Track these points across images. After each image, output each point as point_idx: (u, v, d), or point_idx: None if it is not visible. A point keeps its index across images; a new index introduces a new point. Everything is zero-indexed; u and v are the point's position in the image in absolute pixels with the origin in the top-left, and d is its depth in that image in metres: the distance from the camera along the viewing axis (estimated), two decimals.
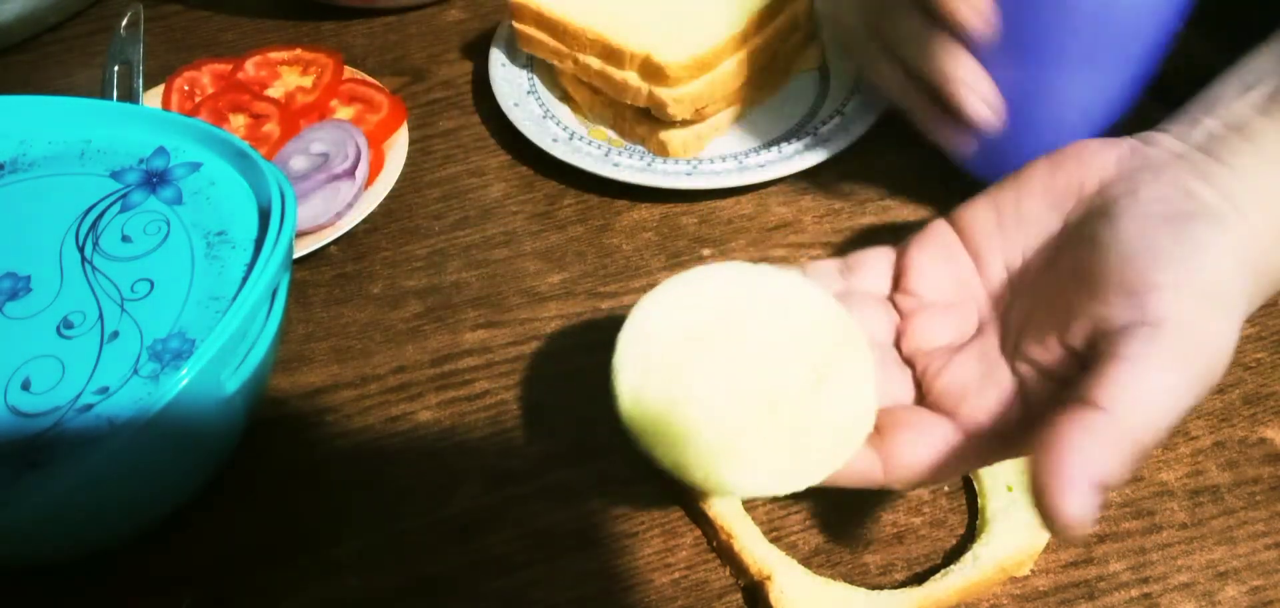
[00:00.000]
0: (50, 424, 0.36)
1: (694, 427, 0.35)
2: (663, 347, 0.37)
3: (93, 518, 0.38)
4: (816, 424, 0.35)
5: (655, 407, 0.36)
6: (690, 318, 0.38)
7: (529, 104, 0.57)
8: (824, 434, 0.35)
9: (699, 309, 0.38)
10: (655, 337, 0.37)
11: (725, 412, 0.36)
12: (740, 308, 0.38)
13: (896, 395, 0.38)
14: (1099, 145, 0.38)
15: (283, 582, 0.40)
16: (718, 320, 0.38)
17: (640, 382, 0.36)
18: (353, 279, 0.52)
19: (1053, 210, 0.38)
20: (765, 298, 0.38)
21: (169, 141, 0.45)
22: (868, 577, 0.39)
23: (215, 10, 0.69)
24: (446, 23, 0.67)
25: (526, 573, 0.40)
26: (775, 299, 0.38)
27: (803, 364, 0.36)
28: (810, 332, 0.37)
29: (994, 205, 0.40)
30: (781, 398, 0.36)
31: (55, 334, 0.38)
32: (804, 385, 0.36)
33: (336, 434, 0.45)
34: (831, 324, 0.38)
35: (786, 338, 0.37)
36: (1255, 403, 0.44)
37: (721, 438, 0.35)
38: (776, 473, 0.35)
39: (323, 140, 0.54)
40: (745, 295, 0.38)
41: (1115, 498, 0.41)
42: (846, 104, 0.56)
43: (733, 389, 0.36)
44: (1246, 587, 0.38)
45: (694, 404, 0.36)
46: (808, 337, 0.37)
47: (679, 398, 0.36)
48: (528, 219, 0.54)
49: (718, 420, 0.35)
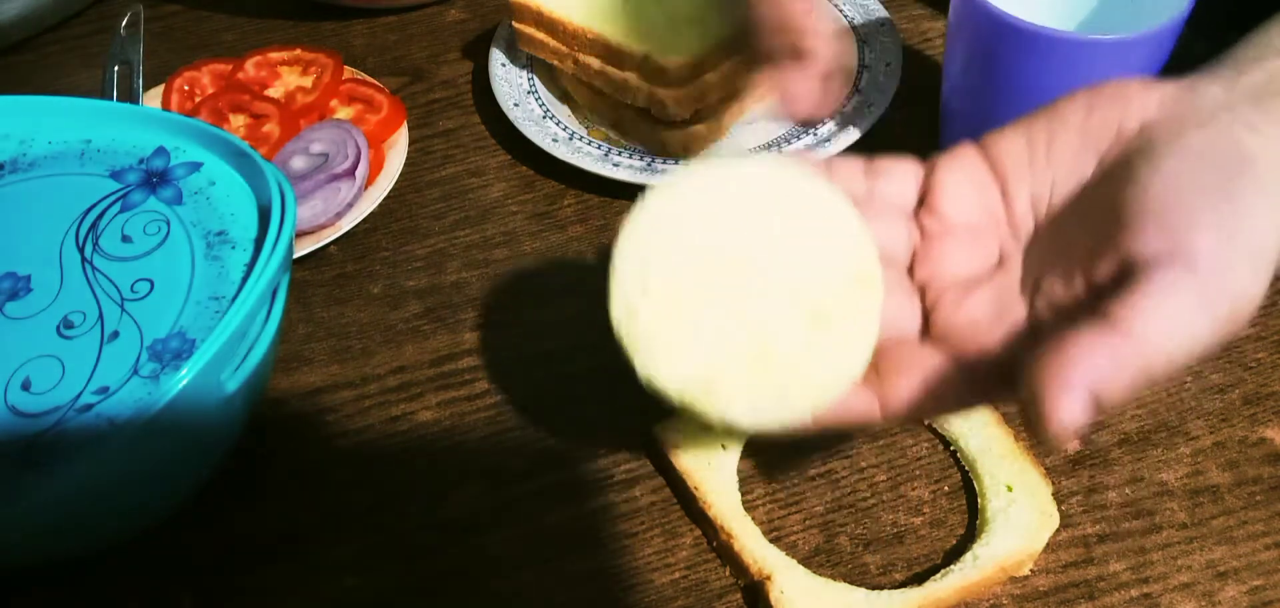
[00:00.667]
0: (50, 424, 0.36)
1: (681, 348, 0.34)
2: (664, 256, 0.35)
3: (93, 517, 0.38)
4: (808, 362, 0.34)
5: (646, 320, 0.35)
6: (699, 225, 0.36)
7: (529, 104, 0.57)
8: (814, 374, 0.34)
9: (712, 214, 0.36)
10: (659, 243, 0.36)
11: (716, 337, 0.35)
12: (754, 218, 0.36)
13: (901, 325, 0.37)
14: (1141, 85, 0.36)
15: (283, 582, 0.41)
16: (728, 232, 0.36)
17: (635, 291, 0.35)
18: (353, 279, 0.52)
19: (1087, 149, 0.36)
20: (784, 210, 0.36)
21: (169, 141, 0.45)
22: (868, 577, 0.39)
23: (215, 10, 0.69)
24: (446, 23, 0.67)
25: (526, 573, 0.40)
26: (793, 213, 0.36)
27: (805, 296, 0.35)
28: (821, 258, 0.36)
29: (1026, 137, 0.38)
30: (776, 330, 0.35)
31: (55, 334, 0.38)
32: (802, 319, 0.35)
33: (336, 434, 0.45)
34: (846, 252, 0.36)
35: (795, 263, 0.36)
36: (1255, 403, 0.44)
37: (707, 364, 0.34)
38: (757, 407, 0.34)
39: (323, 140, 0.54)
40: (763, 204, 0.36)
41: (1115, 498, 0.41)
42: (846, 102, 0.56)
43: (727, 314, 0.35)
44: (1246, 587, 0.38)
45: (685, 325, 0.35)
46: (817, 264, 0.36)
47: (671, 316, 0.35)
48: (528, 219, 0.54)
49: (706, 345, 0.34)
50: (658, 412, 0.44)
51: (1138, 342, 0.30)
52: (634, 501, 0.42)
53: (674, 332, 0.35)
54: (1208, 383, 0.45)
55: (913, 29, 0.63)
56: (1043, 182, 0.38)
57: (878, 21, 0.60)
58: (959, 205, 0.39)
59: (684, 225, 0.36)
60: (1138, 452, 0.43)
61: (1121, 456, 0.42)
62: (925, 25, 0.64)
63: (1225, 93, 0.35)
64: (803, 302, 0.35)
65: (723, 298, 0.35)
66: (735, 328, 0.35)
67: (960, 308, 0.37)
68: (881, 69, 0.57)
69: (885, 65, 0.57)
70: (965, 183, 0.39)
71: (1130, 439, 0.43)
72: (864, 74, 0.57)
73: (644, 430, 0.44)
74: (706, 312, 0.35)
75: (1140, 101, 0.36)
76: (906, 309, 0.38)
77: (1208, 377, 0.45)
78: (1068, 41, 0.45)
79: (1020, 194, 0.38)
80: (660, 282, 0.35)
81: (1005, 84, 0.47)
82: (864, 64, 0.58)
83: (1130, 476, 0.42)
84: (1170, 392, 0.44)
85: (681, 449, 0.42)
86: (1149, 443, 0.43)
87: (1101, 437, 0.43)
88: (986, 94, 0.49)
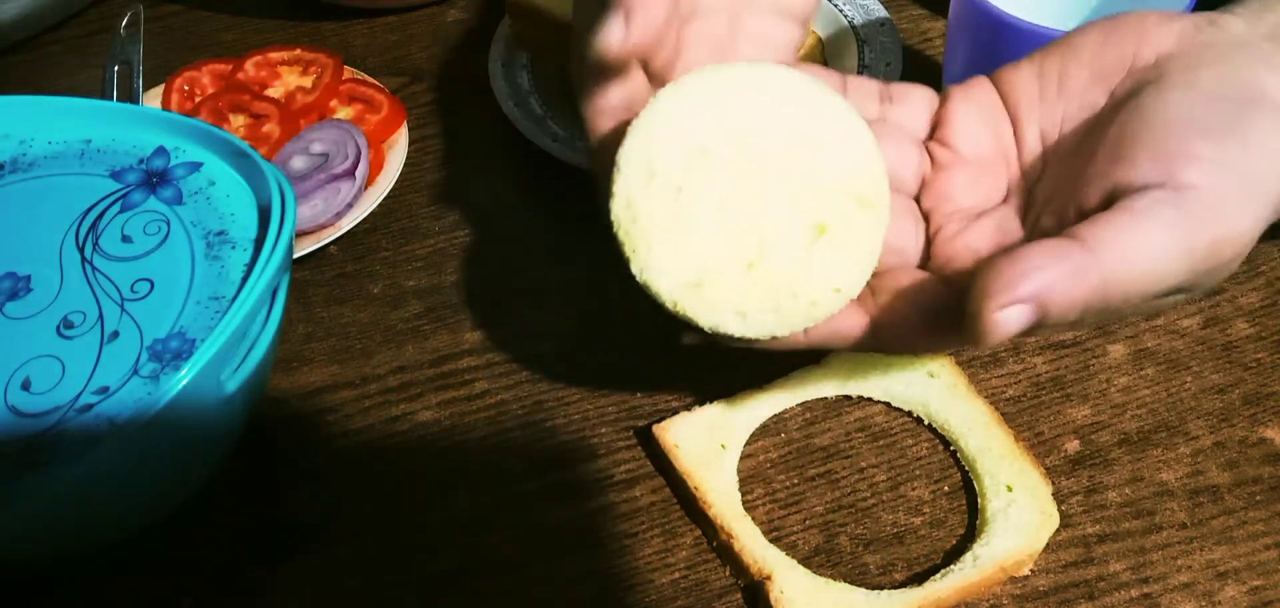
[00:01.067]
0: (50, 424, 0.36)
1: (677, 249, 0.34)
2: (670, 153, 0.35)
3: (93, 518, 0.38)
4: (805, 276, 0.34)
5: (646, 217, 0.34)
6: (711, 123, 0.35)
7: (529, 104, 0.57)
8: (810, 288, 0.34)
9: (722, 117, 0.35)
10: (666, 140, 0.35)
11: (713, 241, 0.34)
12: (765, 125, 0.35)
13: (903, 249, 0.37)
14: (1159, 17, 0.36)
15: (283, 582, 0.41)
16: (739, 134, 0.35)
17: (637, 186, 0.35)
18: (353, 279, 0.52)
19: (1098, 82, 0.36)
20: (796, 119, 0.36)
21: (169, 141, 0.45)
22: (868, 577, 0.39)
23: (215, 10, 0.69)
24: (446, 23, 0.67)
25: (526, 573, 0.40)
26: (805, 123, 0.36)
27: (809, 209, 0.35)
28: (829, 173, 0.35)
29: (1038, 71, 0.38)
30: (776, 240, 0.34)
31: (55, 334, 0.38)
32: (803, 232, 0.34)
33: (336, 434, 0.45)
34: (855, 170, 0.35)
35: (802, 175, 0.35)
36: (1255, 403, 0.44)
37: (701, 267, 0.34)
38: (745, 315, 0.34)
39: (323, 140, 0.54)
40: (775, 112, 0.36)
41: (1115, 498, 0.41)
42: None
43: (728, 219, 0.34)
44: (1246, 587, 0.38)
45: (683, 226, 0.34)
46: (825, 179, 0.35)
47: (670, 215, 0.34)
48: (528, 219, 0.54)
49: (702, 248, 0.34)
50: (658, 412, 0.44)
51: (1097, 258, 0.30)
52: (634, 501, 0.42)
53: (672, 232, 0.34)
54: (1208, 383, 0.45)
55: (913, 29, 0.63)
56: (1052, 115, 0.37)
57: (878, 21, 0.60)
58: (969, 137, 0.38)
59: (693, 126, 0.35)
60: (1138, 452, 0.43)
61: (1121, 455, 0.42)
62: (925, 25, 0.64)
63: (1247, 28, 0.34)
64: (805, 215, 0.35)
65: (725, 203, 0.35)
66: (734, 234, 0.34)
67: (960, 237, 0.36)
68: (881, 69, 0.57)
69: (885, 65, 0.57)
70: (976, 116, 0.38)
71: (1130, 439, 0.43)
72: (864, 74, 0.57)
73: (644, 431, 0.44)
74: (707, 215, 0.34)
75: (1157, 34, 0.35)
76: (910, 234, 0.37)
77: (1208, 377, 0.45)
78: None
79: (1030, 128, 0.37)
80: (662, 180, 0.35)
81: None
82: (864, 64, 0.58)
83: (1130, 475, 0.42)
84: (1170, 392, 0.44)
85: (681, 449, 0.42)
86: (1149, 443, 0.43)
87: (1101, 437, 0.43)
88: None
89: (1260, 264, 0.49)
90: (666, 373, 0.45)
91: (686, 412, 0.43)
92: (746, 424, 0.43)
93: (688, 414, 0.43)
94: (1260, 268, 0.49)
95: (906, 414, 0.44)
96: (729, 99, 0.36)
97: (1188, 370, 0.45)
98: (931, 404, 0.43)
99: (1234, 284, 0.48)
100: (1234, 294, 0.48)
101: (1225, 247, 0.31)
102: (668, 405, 0.44)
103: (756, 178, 0.35)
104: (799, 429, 0.44)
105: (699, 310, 0.34)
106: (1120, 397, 0.44)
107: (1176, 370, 0.45)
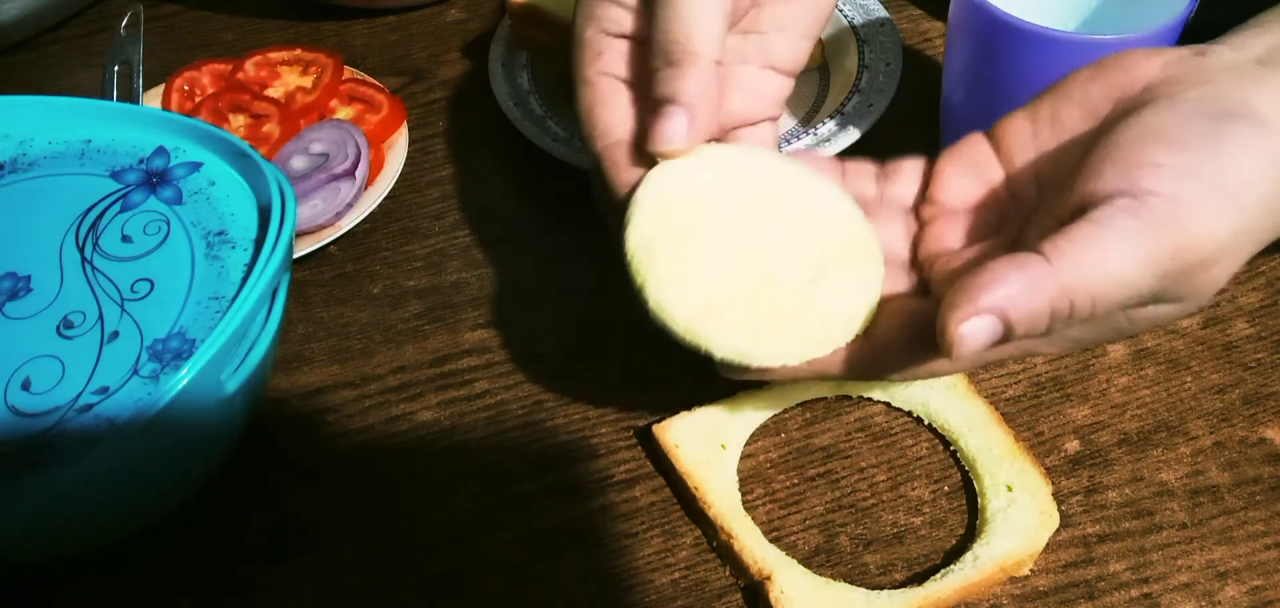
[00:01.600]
0: (50, 424, 0.36)
1: (688, 277, 0.36)
2: (683, 202, 0.38)
3: (93, 518, 0.38)
4: (807, 311, 0.36)
5: (659, 250, 0.37)
6: (718, 187, 0.38)
7: (529, 104, 0.57)
8: (815, 323, 0.36)
9: (731, 178, 0.39)
10: (680, 192, 0.38)
11: (722, 272, 0.37)
12: (770, 191, 0.39)
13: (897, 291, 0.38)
14: (1145, 53, 0.36)
15: (283, 582, 0.41)
16: (744, 195, 0.38)
17: (652, 223, 0.37)
18: (353, 279, 0.52)
19: (1089, 118, 0.37)
20: (796, 191, 0.39)
21: (169, 141, 0.45)
22: (868, 577, 0.39)
23: (215, 10, 0.69)
24: (446, 23, 0.67)
25: (526, 573, 0.40)
26: (804, 195, 0.39)
27: (811, 257, 0.37)
28: (828, 233, 0.38)
29: (1031, 117, 0.39)
30: (781, 277, 0.37)
31: (55, 334, 0.38)
32: (807, 274, 0.37)
33: (336, 434, 0.45)
34: (852, 237, 0.38)
35: (806, 226, 0.38)
36: (1255, 403, 0.44)
37: (711, 294, 0.36)
38: (754, 339, 0.36)
39: (323, 140, 0.54)
40: (778, 182, 0.39)
41: (1115, 498, 0.41)
42: (846, 102, 0.56)
43: (737, 260, 0.37)
44: (1246, 587, 0.38)
45: (695, 257, 0.37)
46: (824, 237, 0.38)
47: (682, 247, 0.37)
48: (527, 219, 0.54)
49: (712, 277, 0.36)
50: (658, 412, 0.44)
51: (1059, 269, 0.30)
52: (634, 501, 0.42)
53: (685, 267, 0.36)
54: (1208, 383, 0.45)
55: (913, 29, 0.63)
56: (1046, 153, 0.38)
57: (878, 21, 0.60)
58: (956, 192, 0.40)
59: (703, 175, 0.38)
60: (1138, 452, 0.43)
61: (1121, 456, 0.42)
62: (925, 25, 0.64)
63: (1235, 54, 0.35)
64: (809, 257, 0.37)
65: (734, 246, 0.37)
66: (743, 272, 0.37)
67: (949, 267, 0.37)
68: (881, 69, 0.57)
69: (885, 65, 0.57)
70: (962, 170, 0.40)
71: (1130, 439, 0.43)
72: (864, 74, 0.57)
73: (644, 431, 0.44)
74: (718, 255, 0.37)
75: (1145, 66, 0.36)
76: (902, 282, 0.39)
77: (1208, 377, 0.45)
78: (1068, 41, 0.45)
79: (1023, 168, 0.39)
80: (677, 221, 0.37)
81: (1005, 84, 0.47)
82: (864, 64, 0.58)
83: (1130, 475, 0.42)
84: (1170, 392, 0.44)
85: (681, 449, 0.42)
86: (1149, 443, 0.43)
87: (1101, 437, 0.43)
88: (986, 94, 0.49)
89: (1260, 265, 0.49)
90: (667, 373, 0.45)
91: (686, 412, 0.43)
92: (746, 424, 0.43)
93: (688, 414, 0.43)
94: (1260, 268, 0.49)
95: (906, 414, 0.44)
96: (736, 168, 0.39)
97: (1188, 370, 0.45)
98: (931, 404, 0.43)
99: (1234, 284, 0.48)
100: (1234, 294, 0.48)
101: (1191, 253, 0.31)
102: (668, 406, 0.44)
103: (762, 223, 0.38)
104: (799, 429, 0.44)
105: (710, 338, 0.36)
106: (1120, 397, 0.44)
107: (1176, 370, 0.45)
